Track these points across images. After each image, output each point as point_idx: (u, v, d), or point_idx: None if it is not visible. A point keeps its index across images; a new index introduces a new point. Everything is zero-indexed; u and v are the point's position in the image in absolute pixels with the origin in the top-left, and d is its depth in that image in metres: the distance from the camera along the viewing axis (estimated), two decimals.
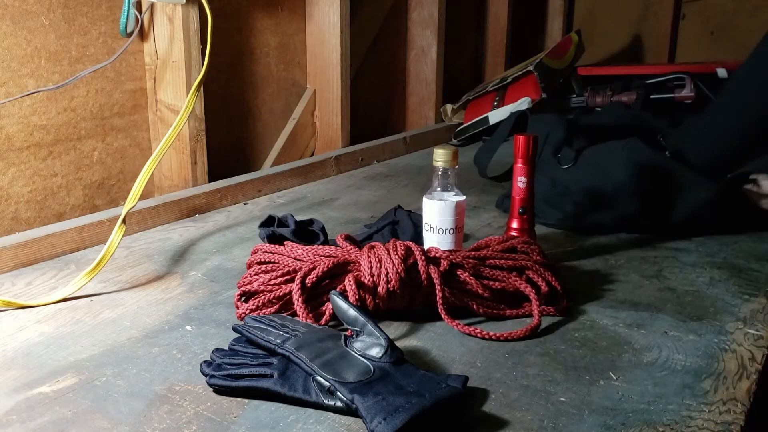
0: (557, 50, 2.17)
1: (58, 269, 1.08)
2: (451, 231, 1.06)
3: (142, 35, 1.38)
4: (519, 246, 0.99)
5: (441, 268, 0.91)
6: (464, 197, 1.07)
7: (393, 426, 0.63)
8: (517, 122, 1.64)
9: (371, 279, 0.89)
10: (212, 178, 1.47)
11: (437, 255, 0.93)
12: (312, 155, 1.82)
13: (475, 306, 0.92)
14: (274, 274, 0.91)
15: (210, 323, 0.91)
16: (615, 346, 0.85)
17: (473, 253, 0.97)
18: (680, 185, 1.25)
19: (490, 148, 1.64)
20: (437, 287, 0.89)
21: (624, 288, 1.03)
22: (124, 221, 1.07)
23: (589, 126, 1.52)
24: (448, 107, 2.22)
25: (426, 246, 1.08)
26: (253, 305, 0.88)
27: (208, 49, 1.31)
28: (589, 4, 2.81)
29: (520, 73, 2.10)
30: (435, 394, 0.68)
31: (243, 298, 0.92)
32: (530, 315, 0.91)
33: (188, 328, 0.89)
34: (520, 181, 1.08)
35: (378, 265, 0.89)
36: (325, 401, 0.70)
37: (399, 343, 0.78)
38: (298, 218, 1.16)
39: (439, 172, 1.06)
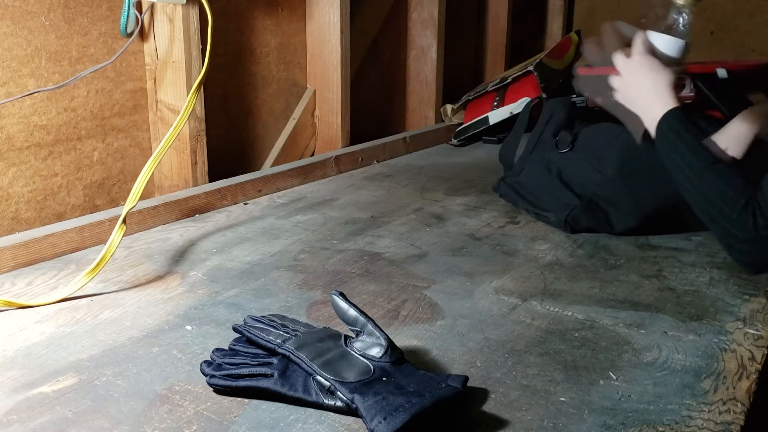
0: (557, 50, 2.17)
1: (59, 269, 1.08)
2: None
3: (143, 35, 1.38)
4: None
5: None
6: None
7: (393, 426, 0.63)
8: (533, 111, 1.64)
9: None
10: (212, 178, 1.47)
11: None
12: (312, 155, 1.82)
13: None
14: None
15: (210, 323, 0.91)
16: (615, 346, 0.85)
17: None
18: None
19: (513, 142, 1.62)
20: None
21: (624, 288, 1.03)
22: (124, 221, 1.07)
23: (593, 110, 1.51)
24: (448, 107, 2.22)
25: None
26: None
27: (209, 49, 1.31)
28: (589, 4, 2.81)
29: (519, 73, 2.09)
30: (435, 393, 0.68)
31: None
32: None
33: (188, 327, 0.89)
34: None
35: None
36: (326, 401, 0.70)
37: (399, 343, 0.78)
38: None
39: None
